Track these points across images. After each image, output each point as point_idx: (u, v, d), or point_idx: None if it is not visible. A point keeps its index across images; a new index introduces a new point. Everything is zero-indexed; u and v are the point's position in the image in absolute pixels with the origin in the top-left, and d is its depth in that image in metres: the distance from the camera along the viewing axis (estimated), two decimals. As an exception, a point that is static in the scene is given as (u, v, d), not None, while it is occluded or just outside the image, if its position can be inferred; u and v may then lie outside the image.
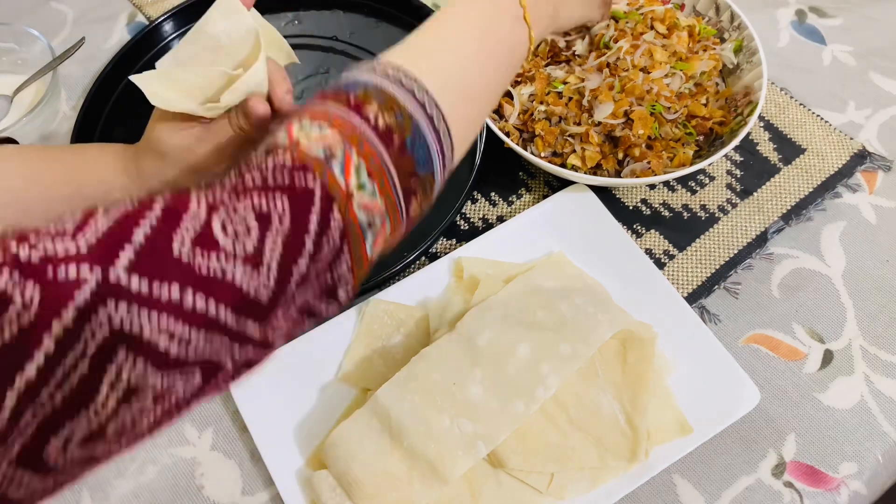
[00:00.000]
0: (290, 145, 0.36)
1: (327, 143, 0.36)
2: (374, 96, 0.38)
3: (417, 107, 0.39)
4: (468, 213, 0.66)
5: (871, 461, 0.54)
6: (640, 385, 0.54)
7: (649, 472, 0.51)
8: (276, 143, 0.36)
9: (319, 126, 0.36)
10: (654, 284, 0.58)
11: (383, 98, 0.38)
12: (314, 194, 0.35)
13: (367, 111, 0.37)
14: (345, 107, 0.37)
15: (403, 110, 0.38)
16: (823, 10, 0.77)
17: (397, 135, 0.38)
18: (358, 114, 0.37)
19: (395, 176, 0.38)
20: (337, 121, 0.37)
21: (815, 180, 0.66)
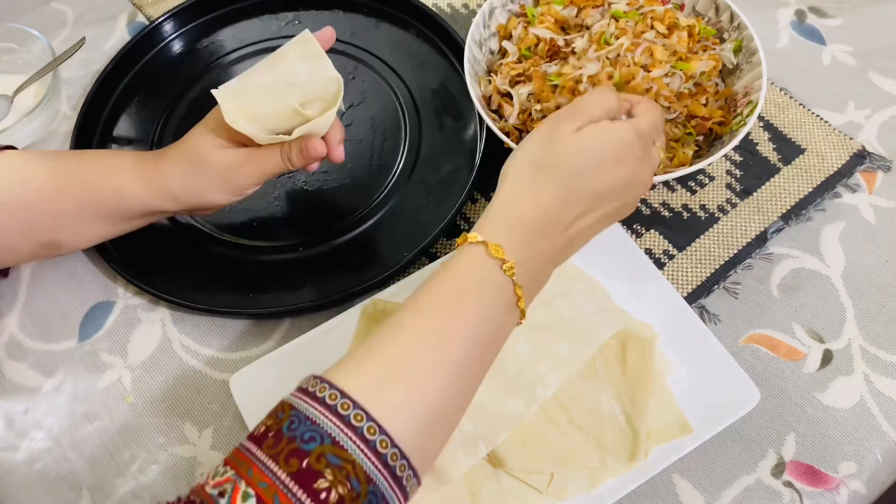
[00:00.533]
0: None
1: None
2: (328, 461, 0.35)
3: (378, 465, 0.36)
4: (468, 214, 0.66)
5: (870, 461, 0.54)
6: (639, 385, 0.54)
7: (649, 471, 0.51)
8: None
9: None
10: (653, 284, 0.58)
11: (339, 462, 0.35)
12: None
13: (319, 485, 0.34)
14: (293, 479, 0.35)
15: (361, 474, 0.35)
16: (823, 11, 0.77)
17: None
18: (307, 491, 0.34)
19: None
20: (283, 498, 0.34)
21: (815, 180, 0.66)
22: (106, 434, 0.57)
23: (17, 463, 0.56)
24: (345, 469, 0.35)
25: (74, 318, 0.62)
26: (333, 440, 0.36)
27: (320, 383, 0.38)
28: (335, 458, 0.35)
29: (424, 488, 0.49)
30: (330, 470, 0.35)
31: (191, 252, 0.64)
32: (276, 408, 0.38)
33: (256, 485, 0.34)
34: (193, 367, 0.59)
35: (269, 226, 0.65)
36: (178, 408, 0.58)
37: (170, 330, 0.61)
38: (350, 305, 0.59)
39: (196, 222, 0.66)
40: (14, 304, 0.62)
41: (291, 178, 0.68)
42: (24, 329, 0.61)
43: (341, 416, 0.36)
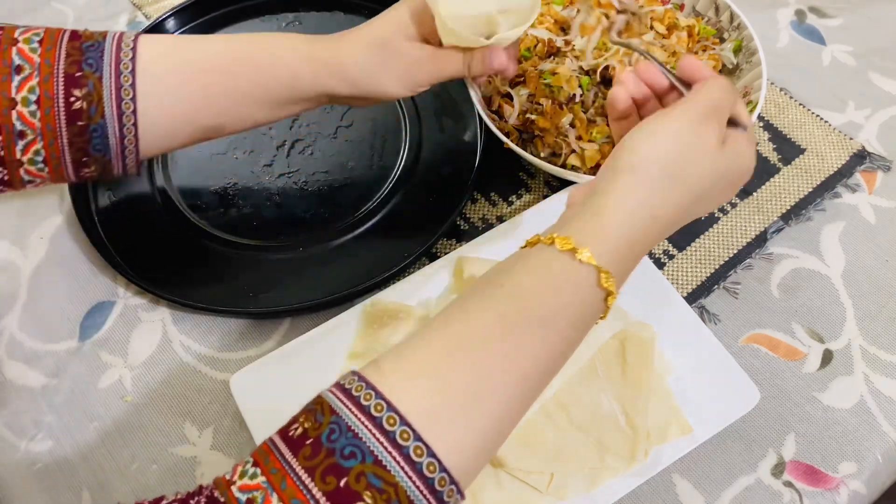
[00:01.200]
0: None
1: None
2: (368, 482, 0.32)
3: (424, 490, 0.33)
4: (468, 213, 0.66)
5: (870, 461, 0.54)
6: (639, 385, 0.54)
7: (649, 472, 0.51)
8: None
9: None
10: (653, 284, 0.58)
11: (380, 484, 0.32)
12: None
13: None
14: (329, 499, 0.32)
15: (403, 498, 0.33)
16: (823, 11, 0.77)
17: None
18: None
19: None
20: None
21: (815, 180, 0.66)
22: (106, 434, 0.57)
23: (17, 463, 0.56)
24: (386, 493, 0.32)
25: (75, 317, 0.62)
26: (376, 458, 0.33)
27: (365, 388, 0.35)
28: (376, 480, 0.32)
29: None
30: (370, 493, 0.32)
31: (191, 252, 0.64)
32: (314, 406, 0.36)
33: (289, 501, 0.32)
34: (193, 367, 0.59)
35: (269, 226, 0.65)
36: (179, 408, 0.58)
37: (170, 330, 0.61)
38: (350, 305, 0.59)
39: (196, 222, 0.66)
40: (14, 303, 0.62)
41: (291, 177, 0.68)
42: (25, 329, 0.61)
43: (386, 431, 0.33)
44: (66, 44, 0.49)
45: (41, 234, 0.66)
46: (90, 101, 0.48)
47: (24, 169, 0.49)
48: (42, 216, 0.66)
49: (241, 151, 0.69)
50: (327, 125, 0.71)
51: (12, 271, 0.64)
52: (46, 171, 0.50)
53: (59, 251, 0.65)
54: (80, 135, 0.48)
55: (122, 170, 0.52)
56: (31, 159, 0.49)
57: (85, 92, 0.48)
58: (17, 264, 0.64)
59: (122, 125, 0.49)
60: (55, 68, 0.48)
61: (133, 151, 0.51)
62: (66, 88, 0.47)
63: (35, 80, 0.47)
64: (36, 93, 0.47)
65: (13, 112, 0.47)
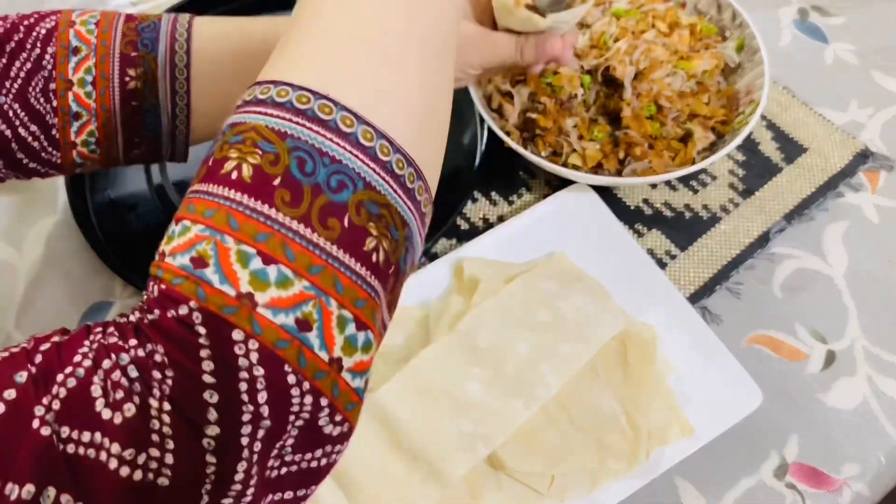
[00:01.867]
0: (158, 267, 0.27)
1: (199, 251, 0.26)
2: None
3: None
4: (468, 213, 0.66)
5: (873, 462, 0.54)
6: (641, 386, 0.53)
7: (650, 473, 0.51)
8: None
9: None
10: (655, 284, 0.58)
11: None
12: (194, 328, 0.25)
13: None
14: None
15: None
16: (826, 9, 0.77)
17: (393, 266, 0.29)
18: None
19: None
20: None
21: (818, 180, 0.66)
22: (103, 435, 0.56)
23: (14, 464, 0.55)
24: (248, 138, 0.27)
25: (72, 318, 0.61)
26: (231, 125, 0.28)
27: (249, 87, 0.30)
28: (236, 137, 0.28)
29: (424, 490, 0.49)
30: (234, 149, 0.27)
31: (189, 252, 0.64)
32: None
33: (176, 213, 0.28)
34: (192, 368, 0.59)
35: (268, 225, 0.65)
36: (177, 409, 0.57)
37: (168, 330, 0.61)
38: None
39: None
40: (12, 303, 0.62)
41: (290, 177, 0.67)
42: (22, 329, 0.61)
43: (246, 101, 0.29)
44: (122, 25, 0.49)
45: (38, 233, 0.65)
46: (144, 81, 0.48)
47: (78, 151, 0.49)
48: (38, 216, 0.66)
49: (240, 150, 0.69)
50: (327, 124, 0.70)
51: (9, 271, 0.64)
52: (98, 152, 0.49)
53: (55, 251, 0.64)
54: (133, 115, 0.48)
55: (171, 152, 0.52)
56: (84, 141, 0.48)
57: (140, 72, 0.48)
58: (14, 264, 0.64)
59: (175, 105, 0.49)
60: (111, 49, 0.47)
61: (184, 133, 0.51)
62: (121, 68, 0.47)
63: (91, 60, 0.47)
64: (92, 73, 0.47)
65: (70, 93, 0.47)
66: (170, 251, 0.27)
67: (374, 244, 0.28)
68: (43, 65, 0.47)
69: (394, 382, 0.52)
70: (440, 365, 0.52)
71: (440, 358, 0.53)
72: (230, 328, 0.25)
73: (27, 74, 0.46)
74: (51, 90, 0.47)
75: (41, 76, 0.46)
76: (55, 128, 0.47)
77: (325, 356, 0.26)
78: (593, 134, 0.61)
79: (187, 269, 0.26)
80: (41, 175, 0.51)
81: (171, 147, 0.52)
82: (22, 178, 0.50)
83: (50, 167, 0.50)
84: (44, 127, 0.47)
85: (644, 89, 0.60)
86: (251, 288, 0.25)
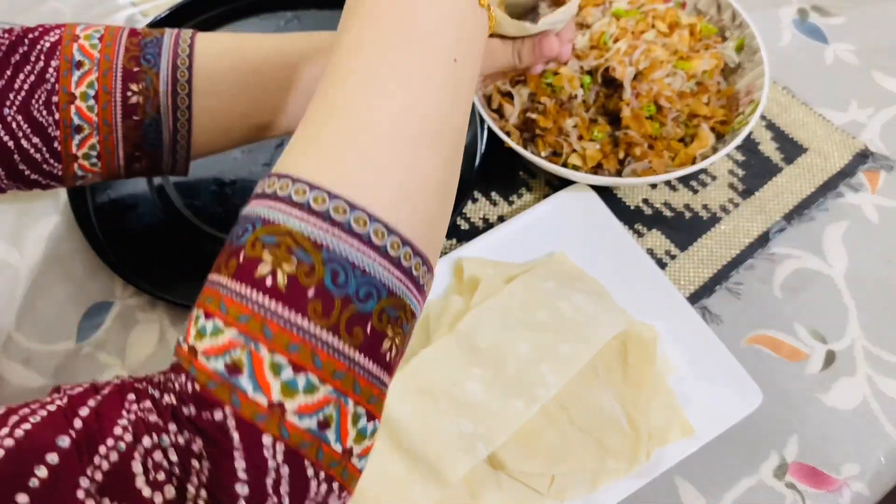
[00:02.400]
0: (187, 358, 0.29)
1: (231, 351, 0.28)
2: (264, 243, 0.29)
3: (322, 224, 0.29)
4: (468, 213, 0.66)
5: (873, 462, 0.54)
6: (641, 386, 0.53)
7: (651, 473, 0.51)
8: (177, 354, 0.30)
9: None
10: (655, 284, 0.58)
11: (274, 239, 0.29)
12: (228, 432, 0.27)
13: (260, 271, 0.29)
14: (235, 278, 0.29)
15: (304, 242, 0.29)
16: (826, 9, 0.77)
17: (400, 355, 0.31)
18: (249, 283, 0.29)
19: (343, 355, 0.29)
20: (228, 302, 0.29)
21: (818, 180, 0.66)
22: (104, 435, 0.56)
23: (14, 464, 0.55)
24: (283, 243, 0.29)
25: (73, 318, 0.61)
26: (263, 220, 0.29)
27: (268, 179, 0.32)
28: (269, 237, 0.29)
29: (424, 490, 0.49)
30: (267, 251, 0.29)
31: (189, 252, 0.64)
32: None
33: (204, 303, 0.30)
34: (192, 368, 0.59)
35: (268, 226, 0.65)
36: (177, 409, 0.57)
37: (168, 330, 0.61)
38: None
39: (194, 222, 0.65)
40: (12, 304, 0.62)
41: (291, 177, 0.67)
42: (22, 329, 0.61)
43: (278, 196, 0.30)
44: (126, 40, 0.49)
45: (38, 233, 0.65)
46: (146, 96, 0.48)
47: (79, 163, 0.49)
48: (39, 216, 0.66)
49: (240, 151, 0.69)
50: (327, 124, 0.70)
51: (9, 272, 0.64)
52: (99, 165, 0.50)
53: (56, 252, 0.64)
54: (134, 129, 0.49)
55: (172, 166, 0.52)
56: (85, 154, 0.49)
57: (142, 87, 0.48)
58: (14, 265, 0.64)
59: (176, 119, 0.49)
60: (114, 63, 0.48)
61: (184, 147, 0.51)
62: (123, 83, 0.48)
63: (94, 75, 0.47)
64: (94, 87, 0.47)
65: (72, 107, 0.47)
66: (202, 351, 0.28)
67: (389, 345, 0.30)
68: (46, 78, 0.47)
69: (394, 382, 0.52)
70: (440, 365, 0.52)
71: (440, 358, 0.53)
72: (261, 434, 0.27)
73: (30, 87, 0.47)
74: (53, 103, 0.47)
75: (44, 89, 0.47)
76: (57, 140, 0.48)
77: (339, 448, 0.29)
78: (593, 134, 0.61)
79: (222, 374, 0.28)
80: (42, 186, 0.51)
81: (172, 161, 0.52)
82: (23, 189, 0.51)
83: (51, 179, 0.50)
84: (46, 139, 0.47)
85: (644, 89, 0.60)
86: (282, 397, 0.27)
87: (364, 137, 0.31)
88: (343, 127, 0.32)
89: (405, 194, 0.32)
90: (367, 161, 0.31)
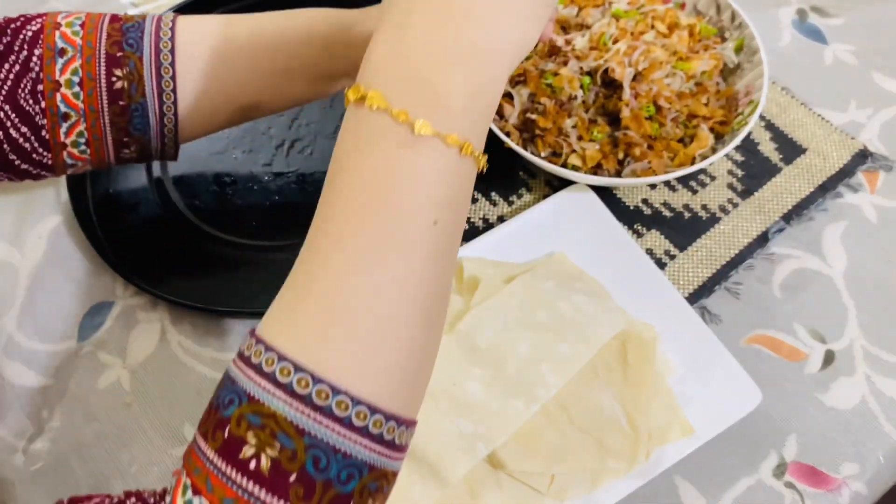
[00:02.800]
0: None
1: None
2: (249, 422, 0.30)
3: (306, 409, 0.30)
4: (468, 213, 0.66)
5: (872, 462, 0.54)
6: (641, 386, 0.54)
7: (650, 473, 0.51)
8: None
9: None
10: (654, 284, 0.58)
11: (259, 421, 0.30)
12: None
13: (245, 453, 0.30)
14: (220, 455, 0.30)
15: (287, 427, 0.30)
16: (825, 10, 0.77)
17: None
18: (234, 465, 0.30)
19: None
20: (214, 480, 0.30)
21: (817, 180, 0.66)
22: (105, 435, 0.56)
23: (15, 464, 0.56)
24: (268, 426, 0.29)
25: (73, 318, 0.62)
26: (249, 397, 0.30)
27: (249, 339, 0.33)
28: (255, 418, 0.30)
29: (424, 490, 0.49)
30: (252, 432, 0.29)
31: (190, 252, 0.64)
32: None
33: (192, 472, 0.31)
34: (193, 368, 0.59)
35: (268, 226, 0.65)
36: (178, 409, 0.57)
37: (169, 330, 0.61)
38: (350, 306, 0.58)
39: (195, 221, 0.65)
40: (13, 303, 0.62)
41: (291, 177, 0.68)
42: (23, 329, 0.61)
43: (263, 371, 0.31)
44: (107, 25, 0.49)
45: (39, 233, 0.65)
46: (130, 80, 0.48)
47: (68, 151, 0.49)
48: (40, 215, 0.66)
49: (240, 151, 0.69)
50: (327, 124, 0.70)
51: (10, 271, 0.64)
52: (88, 153, 0.50)
53: (57, 251, 0.65)
54: (120, 114, 0.49)
55: (161, 151, 0.53)
56: (74, 141, 0.49)
57: (126, 72, 0.48)
58: (15, 264, 0.64)
59: (162, 103, 0.49)
60: (97, 49, 0.48)
61: (172, 131, 0.51)
62: (107, 68, 0.48)
63: (78, 61, 0.47)
64: (79, 74, 0.47)
65: (57, 94, 0.47)
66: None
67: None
68: (31, 67, 0.47)
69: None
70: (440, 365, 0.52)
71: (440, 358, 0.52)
72: None
73: (16, 76, 0.47)
74: (39, 91, 0.47)
75: (29, 78, 0.47)
76: (45, 129, 0.48)
77: None
78: (593, 134, 0.61)
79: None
80: (33, 177, 0.51)
81: (161, 146, 0.52)
82: (15, 180, 0.51)
83: (41, 168, 0.50)
84: (34, 128, 0.48)
85: (643, 90, 0.60)
86: None
87: (345, 316, 0.32)
88: (325, 303, 0.32)
89: (388, 370, 0.32)
90: (350, 341, 0.31)
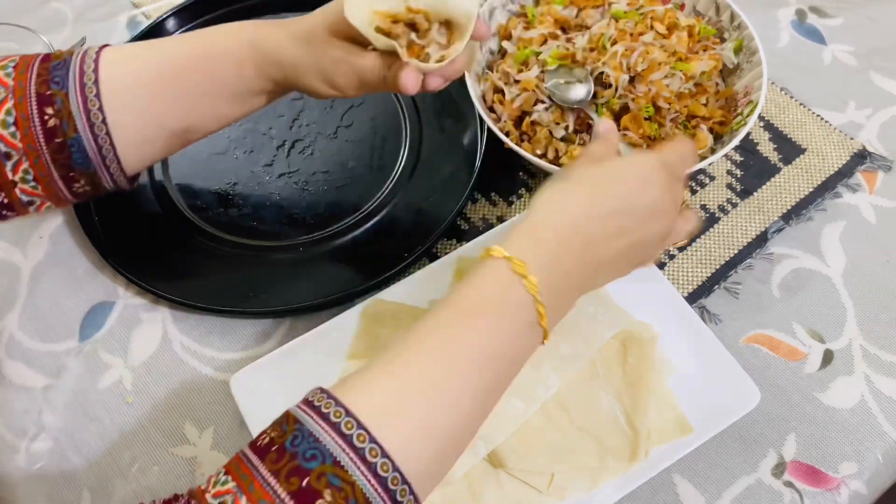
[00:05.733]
0: None
1: None
2: (329, 481, 0.35)
3: (378, 488, 0.36)
4: (468, 213, 0.66)
5: (871, 461, 0.54)
6: (640, 385, 0.54)
7: (649, 471, 0.51)
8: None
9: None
10: (654, 284, 0.58)
11: (339, 483, 0.35)
12: None
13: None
14: (293, 498, 0.35)
15: (360, 496, 0.35)
16: (824, 10, 0.77)
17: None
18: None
19: None
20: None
21: (816, 180, 0.66)
22: (106, 434, 0.57)
23: (16, 463, 0.56)
24: (344, 490, 0.35)
25: (75, 317, 0.62)
26: (335, 460, 0.35)
27: (326, 398, 0.38)
28: (336, 479, 0.35)
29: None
30: (329, 491, 0.35)
31: (191, 252, 0.64)
32: (281, 419, 0.38)
33: (257, 502, 0.34)
34: (194, 367, 0.59)
35: (269, 226, 0.65)
36: (179, 408, 0.58)
37: (170, 330, 0.61)
38: (350, 305, 0.59)
39: (196, 222, 0.66)
40: (14, 303, 0.62)
41: (291, 177, 0.68)
42: (25, 329, 0.61)
43: (344, 434, 0.36)
44: (38, 66, 0.50)
45: (41, 233, 0.66)
46: (61, 118, 0.49)
47: (20, 188, 0.50)
48: (42, 217, 0.66)
49: (241, 151, 0.69)
50: (327, 125, 0.71)
51: (12, 271, 0.64)
52: (39, 188, 0.51)
53: (59, 251, 0.65)
54: (59, 151, 0.50)
55: (112, 183, 0.53)
56: (22, 178, 0.50)
57: (56, 109, 0.49)
58: (17, 264, 0.64)
59: (96, 136, 0.50)
60: (28, 90, 0.49)
61: (115, 161, 0.52)
62: (39, 107, 0.49)
63: (10, 102, 0.49)
64: (13, 114, 0.49)
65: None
66: (213, 494, 0.36)
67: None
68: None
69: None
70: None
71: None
72: None
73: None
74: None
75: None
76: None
77: None
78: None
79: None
80: (1, 218, 0.52)
81: (110, 178, 0.53)
82: None
83: (3, 208, 0.51)
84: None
85: (642, 91, 0.60)
86: None
87: (418, 392, 0.39)
88: (402, 381, 0.39)
89: (441, 472, 0.40)
90: (429, 447, 0.38)
